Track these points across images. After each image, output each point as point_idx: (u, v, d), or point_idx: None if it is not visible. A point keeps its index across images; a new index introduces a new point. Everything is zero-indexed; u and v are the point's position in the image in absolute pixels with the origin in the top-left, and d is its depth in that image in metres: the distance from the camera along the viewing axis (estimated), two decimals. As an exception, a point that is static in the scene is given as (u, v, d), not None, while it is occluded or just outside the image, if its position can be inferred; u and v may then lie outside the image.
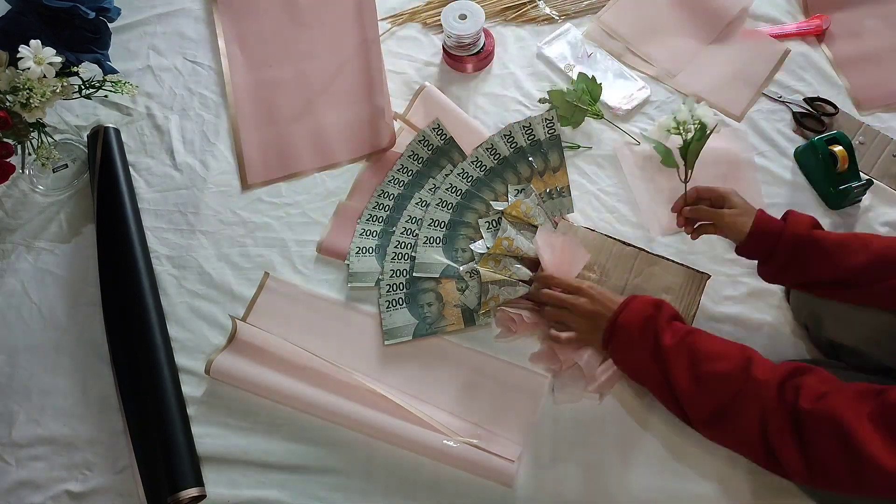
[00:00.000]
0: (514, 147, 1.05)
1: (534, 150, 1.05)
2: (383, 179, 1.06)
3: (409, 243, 1.00)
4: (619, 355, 0.83)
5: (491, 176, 1.03)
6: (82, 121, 1.14)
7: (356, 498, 0.88)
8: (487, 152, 1.04)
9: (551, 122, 1.06)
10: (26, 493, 0.89)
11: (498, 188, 1.03)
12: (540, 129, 1.05)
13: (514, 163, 1.04)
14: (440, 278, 0.97)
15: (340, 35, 1.20)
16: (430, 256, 0.98)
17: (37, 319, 1.00)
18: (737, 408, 0.70)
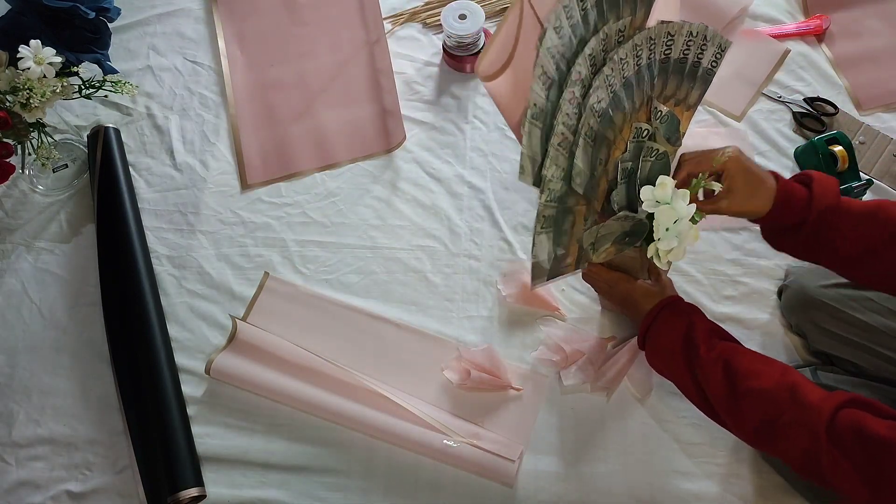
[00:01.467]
0: (680, 54, 0.77)
1: (690, 71, 0.78)
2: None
3: (573, 124, 0.68)
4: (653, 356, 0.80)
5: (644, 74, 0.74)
6: (82, 121, 1.14)
7: (356, 498, 0.88)
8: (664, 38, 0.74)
9: (722, 52, 0.79)
10: (26, 493, 0.89)
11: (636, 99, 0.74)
12: (710, 52, 0.78)
13: (665, 71, 0.77)
14: (581, 196, 0.71)
15: (341, 35, 1.20)
16: (583, 158, 0.70)
17: (37, 319, 1.00)
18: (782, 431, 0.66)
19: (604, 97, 0.69)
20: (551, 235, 0.70)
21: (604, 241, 0.74)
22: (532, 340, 0.96)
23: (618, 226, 0.72)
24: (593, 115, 0.69)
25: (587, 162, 0.70)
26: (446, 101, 1.14)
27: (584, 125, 0.68)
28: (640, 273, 0.83)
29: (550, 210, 0.68)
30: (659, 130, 0.74)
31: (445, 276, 1.01)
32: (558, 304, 0.98)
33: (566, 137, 0.68)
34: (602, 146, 0.71)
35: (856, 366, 0.83)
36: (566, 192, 0.69)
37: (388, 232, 1.05)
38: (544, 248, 0.69)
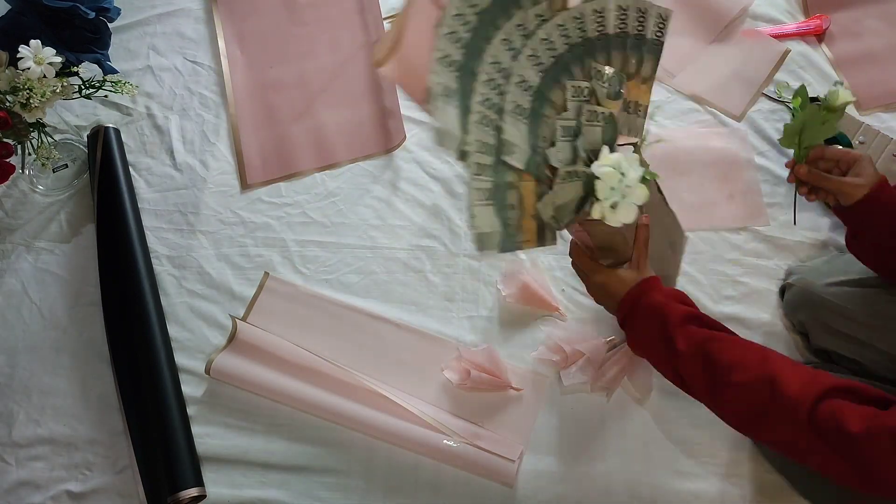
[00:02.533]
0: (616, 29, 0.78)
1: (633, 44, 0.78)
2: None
3: (495, 103, 0.70)
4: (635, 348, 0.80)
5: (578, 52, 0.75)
6: (82, 121, 1.14)
7: (356, 498, 0.88)
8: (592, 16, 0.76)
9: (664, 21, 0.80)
10: (26, 493, 0.89)
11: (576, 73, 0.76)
12: (651, 23, 0.79)
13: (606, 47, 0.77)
14: (523, 172, 0.72)
15: (341, 35, 1.20)
16: (516, 134, 0.71)
17: (37, 319, 1.00)
18: (765, 423, 0.66)
19: (532, 77, 0.72)
20: (492, 209, 0.71)
21: (563, 210, 0.73)
22: (532, 340, 0.96)
23: (570, 189, 0.72)
24: (521, 94, 0.71)
25: (523, 138, 0.71)
26: (446, 101, 1.14)
27: (511, 103, 0.71)
28: (624, 251, 0.80)
29: (484, 183, 0.70)
30: (600, 90, 0.74)
31: (445, 276, 1.01)
32: (558, 304, 0.98)
33: (487, 116, 0.69)
34: (541, 122, 0.73)
35: (858, 363, 0.83)
36: (501, 167, 0.71)
37: (388, 232, 1.05)
38: (487, 221, 0.71)
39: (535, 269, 1.00)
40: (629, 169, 0.70)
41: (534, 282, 0.97)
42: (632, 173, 0.70)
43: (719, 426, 0.89)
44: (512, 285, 0.98)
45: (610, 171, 0.69)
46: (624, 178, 0.69)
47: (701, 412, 0.90)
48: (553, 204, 0.73)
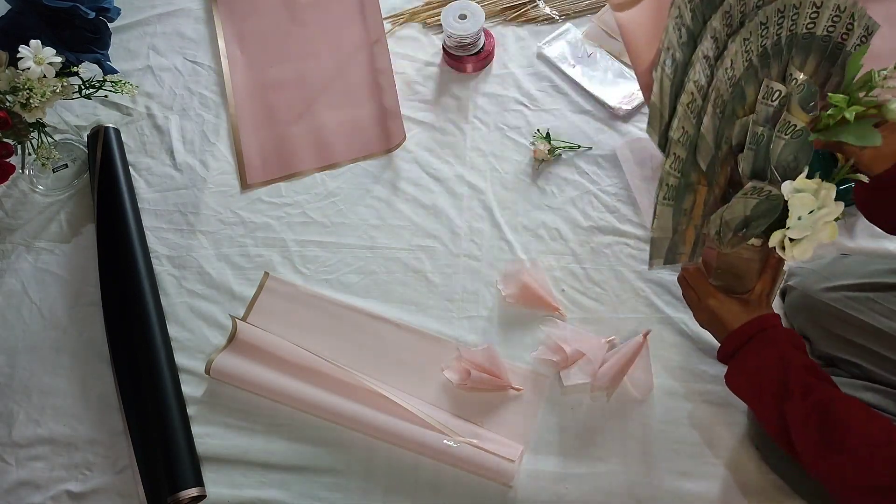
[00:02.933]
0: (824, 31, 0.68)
1: (832, 52, 0.69)
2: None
3: (703, 86, 0.61)
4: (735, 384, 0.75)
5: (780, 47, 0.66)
6: (82, 121, 1.14)
7: (356, 498, 0.88)
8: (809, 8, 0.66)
9: (868, 35, 0.71)
10: (26, 493, 0.89)
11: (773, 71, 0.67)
12: (856, 34, 0.70)
13: (807, 49, 0.68)
14: (703, 174, 0.64)
15: (341, 35, 1.20)
16: (710, 129, 0.62)
17: (37, 319, 1.00)
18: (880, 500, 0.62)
19: (739, 64, 0.63)
20: (671, 210, 0.62)
21: (727, 228, 0.64)
22: (532, 340, 0.96)
23: (741, 206, 0.63)
24: (725, 81, 0.62)
25: (713, 134, 0.62)
26: (446, 101, 1.14)
27: (714, 90, 0.61)
28: (748, 280, 0.74)
29: (674, 180, 0.61)
30: (793, 96, 0.64)
31: (445, 276, 1.01)
32: (558, 304, 0.98)
33: (695, 99, 0.61)
34: (730, 121, 0.64)
35: (860, 368, 0.83)
36: (691, 164, 0.62)
37: (388, 232, 1.05)
38: (665, 224, 0.62)
39: (535, 269, 1.00)
40: (829, 201, 0.60)
41: (534, 282, 0.97)
42: (830, 206, 0.61)
43: (719, 426, 0.89)
44: (512, 285, 0.98)
45: (807, 197, 0.60)
46: (819, 211, 0.60)
47: (701, 412, 0.90)
48: (722, 218, 0.64)
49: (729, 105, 0.63)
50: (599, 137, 1.10)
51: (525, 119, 1.12)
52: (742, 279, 0.73)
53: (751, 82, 0.64)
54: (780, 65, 0.66)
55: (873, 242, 0.97)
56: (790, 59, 0.66)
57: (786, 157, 0.64)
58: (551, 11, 1.21)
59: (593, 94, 1.12)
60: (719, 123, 0.63)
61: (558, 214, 1.04)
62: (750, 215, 0.64)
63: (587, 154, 1.09)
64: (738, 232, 0.65)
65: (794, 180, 0.60)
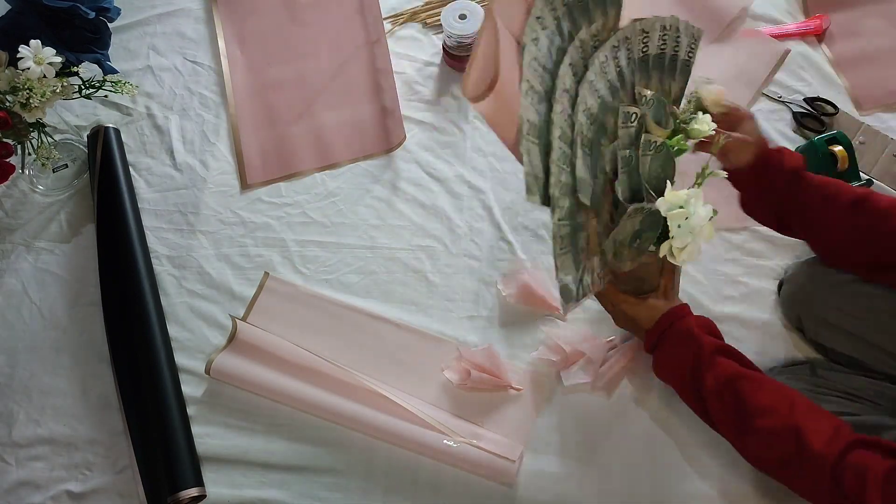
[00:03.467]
0: (658, 49, 0.76)
1: (669, 65, 0.77)
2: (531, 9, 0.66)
3: (568, 136, 0.67)
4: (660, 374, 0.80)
5: (625, 75, 0.74)
6: (82, 121, 1.14)
7: (356, 498, 0.88)
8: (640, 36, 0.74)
9: (696, 41, 0.78)
10: (26, 493, 0.89)
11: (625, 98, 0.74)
12: (685, 43, 0.77)
13: (646, 69, 0.76)
14: (589, 209, 0.69)
15: (341, 35, 1.20)
16: (583, 169, 0.68)
17: (37, 319, 1.00)
18: (788, 472, 0.68)
19: (592, 103, 0.69)
20: (571, 256, 0.68)
21: (622, 246, 0.72)
22: (532, 340, 0.96)
23: (629, 225, 0.70)
24: (586, 123, 0.68)
25: (588, 172, 0.69)
26: (446, 101, 1.14)
27: (578, 135, 0.68)
28: (652, 280, 0.80)
29: (565, 229, 0.67)
30: (647, 114, 0.72)
31: (445, 276, 1.01)
32: (558, 304, 0.97)
33: (564, 151, 0.67)
34: (599, 153, 0.71)
35: (853, 358, 0.83)
36: (575, 208, 0.68)
37: (388, 232, 1.05)
38: (570, 270, 0.68)
39: (535, 268, 1.00)
40: (697, 207, 0.67)
41: (534, 282, 0.97)
42: (700, 211, 0.67)
43: (719, 426, 0.89)
44: (512, 285, 0.98)
45: (678, 210, 0.67)
46: (693, 217, 0.67)
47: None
48: (614, 241, 0.71)
49: (595, 140, 0.69)
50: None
51: (525, 119, 1.11)
52: (646, 280, 0.80)
53: (608, 113, 0.71)
54: (628, 91, 0.73)
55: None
56: (634, 82, 0.74)
57: (655, 170, 0.71)
58: (551, 11, 1.21)
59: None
60: (590, 159, 0.69)
61: (558, 214, 1.04)
62: (639, 229, 0.70)
63: (587, 154, 1.09)
64: (632, 245, 0.71)
65: (665, 196, 0.67)
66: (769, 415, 0.67)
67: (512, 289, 0.98)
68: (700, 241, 0.69)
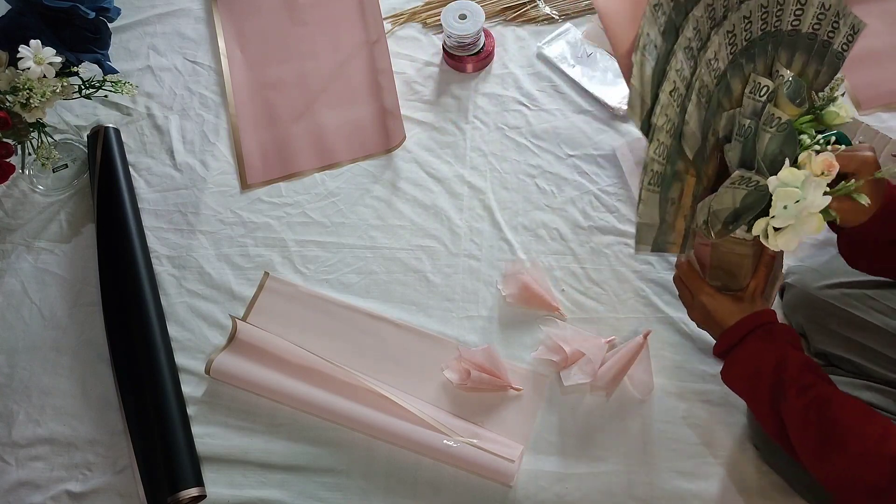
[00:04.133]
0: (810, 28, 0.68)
1: (819, 50, 0.69)
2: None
3: (686, 76, 0.62)
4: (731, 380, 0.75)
5: (765, 43, 0.67)
6: (82, 121, 1.14)
7: (356, 498, 0.88)
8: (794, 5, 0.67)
9: (854, 34, 0.69)
10: (26, 493, 0.89)
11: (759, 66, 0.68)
12: (842, 32, 0.69)
13: (793, 45, 0.68)
14: (690, 163, 0.65)
15: (341, 35, 1.20)
16: (695, 118, 0.63)
17: (37, 319, 1.00)
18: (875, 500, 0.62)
19: (723, 56, 0.63)
20: (657, 198, 0.62)
21: (716, 218, 0.64)
22: (532, 340, 0.96)
23: (730, 196, 0.63)
24: (709, 73, 0.63)
25: (699, 124, 0.63)
26: (446, 101, 1.14)
27: (699, 80, 0.62)
28: (741, 278, 0.73)
29: (659, 166, 0.61)
30: (781, 90, 0.64)
31: (445, 276, 1.01)
32: (558, 304, 0.98)
33: (677, 88, 0.61)
34: (717, 113, 0.65)
35: (858, 366, 0.83)
36: (676, 152, 0.63)
37: (388, 232, 1.05)
38: (653, 209, 0.62)
39: (534, 269, 1.00)
40: (814, 193, 0.60)
41: (534, 282, 0.98)
42: (815, 198, 0.60)
43: (719, 426, 0.89)
44: (512, 285, 0.98)
45: (791, 189, 0.60)
46: (803, 202, 0.60)
47: (700, 412, 0.90)
48: (710, 208, 0.64)
49: (714, 97, 0.64)
50: (599, 137, 1.10)
51: (525, 119, 1.12)
52: (736, 277, 0.73)
53: (736, 76, 0.65)
54: (765, 60, 0.67)
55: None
56: (776, 56, 0.67)
57: (772, 149, 0.64)
58: (551, 11, 1.21)
59: (593, 94, 1.12)
60: (705, 114, 0.63)
61: (558, 214, 1.04)
62: (739, 207, 0.63)
63: (587, 154, 1.09)
64: (728, 225, 0.65)
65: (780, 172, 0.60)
66: (862, 439, 0.62)
67: (512, 289, 0.98)
68: (803, 232, 0.61)
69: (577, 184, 1.06)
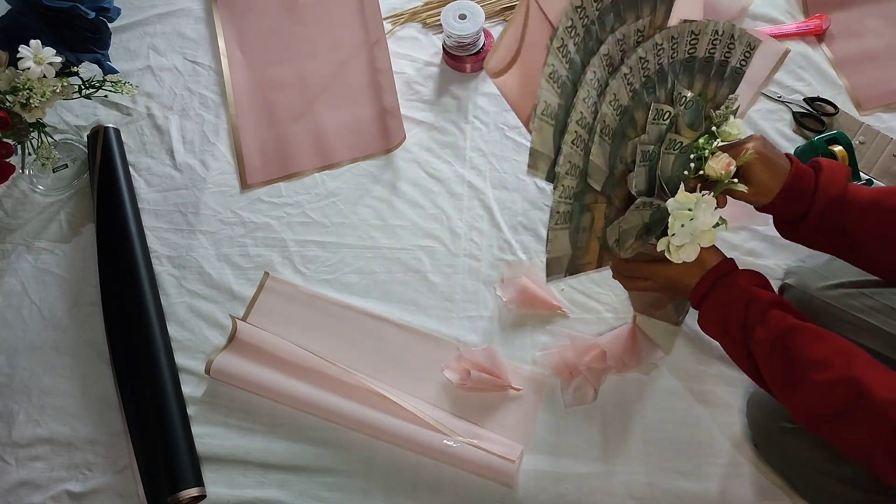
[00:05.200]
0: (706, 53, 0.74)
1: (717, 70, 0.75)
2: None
3: (588, 122, 0.68)
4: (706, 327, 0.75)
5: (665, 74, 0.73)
6: (82, 121, 1.14)
7: (356, 498, 0.88)
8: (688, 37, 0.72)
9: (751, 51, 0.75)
10: (26, 493, 0.89)
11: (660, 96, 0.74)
12: (738, 51, 0.75)
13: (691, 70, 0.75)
14: (599, 193, 0.72)
15: (341, 34, 1.20)
16: (599, 155, 0.69)
17: (37, 319, 1.00)
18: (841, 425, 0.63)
19: (623, 96, 0.69)
20: (567, 232, 0.70)
21: (626, 235, 0.72)
22: (532, 341, 0.96)
23: (637, 217, 0.71)
24: (612, 112, 0.69)
25: (604, 158, 0.70)
26: (446, 101, 1.14)
27: (600, 122, 0.68)
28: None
29: (566, 206, 0.68)
30: (682, 116, 0.72)
31: (445, 276, 1.01)
32: (559, 303, 0.97)
33: (580, 136, 0.67)
34: (623, 143, 0.71)
35: None
36: (583, 189, 0.69)
37: (388, 232, 1.05)
38: (561, 245, 0.70)
39: (534, 269, 1.00)
40: (703, 213, 0.67)
41: (532, 283, 0.97)
42: (704, 218, 0.68)
43: (719, 426, 0.89)
44: (511, 290, 0.98)
45: (684, 211, 0.68)
46: (696, 221, 0.67)
47: (701, 412, 0.90)
48: (619, 229, 0.72)
49: (619, 130, 0.70)
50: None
51: (525, 119, 1.12)
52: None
53: (639, 108, 0.71)
54: (666, 88, 0.73)
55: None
56: (676, 81, 0.73)
57: (676, 170, 0.72)
58: (551, 11, 1.21)
59: (593, 94, 1.12)
60: (609, 147, 0.70)
61: (558, 214, 1.04)
62: (649, 222, 0.71)
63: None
64: (640, 237, 0.73)
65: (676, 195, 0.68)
66: (825, 368, 0.63)
67: (511, 293, 0.98)
68: (700, 244, 0.69)
69: (577, 184, 1.06)
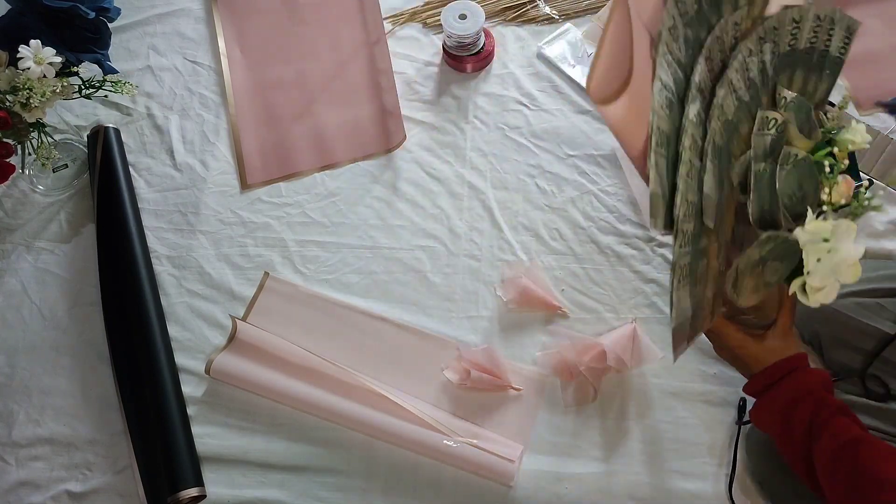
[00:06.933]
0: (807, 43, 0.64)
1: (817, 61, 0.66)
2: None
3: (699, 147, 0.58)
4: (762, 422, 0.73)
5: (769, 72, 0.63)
6: (82, 121, 1.14)
7: (356, 498, 0.88)
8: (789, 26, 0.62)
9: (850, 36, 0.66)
10: (26, 493, 0.90)
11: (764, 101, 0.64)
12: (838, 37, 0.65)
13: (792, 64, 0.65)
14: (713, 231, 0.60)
15: (341, 34, 1.20)
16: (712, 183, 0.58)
17: (37, 319, 1.00)
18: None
19: (729, 105, 0.59)
20: (688, 289, 0.57)
21: (742, 276, 0.59)
22: (532, 341, 0.96)
23: (757, 253, 0.58)
24: (719, 130, 0.58)
25: (715, 185, 0.58)
26: (446, 101, 1.14)
27: (710, 143, 0.57)
28: (769, 311, 0.71)
29: (686, 258, 0.56)
30: (790, 121, 0.60)
31: (445, 276, 1.01)
32: (560, 303, 0.97)
33: (693, 165, 0.57)
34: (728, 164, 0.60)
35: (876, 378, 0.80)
36: (699, 232, 0.58)
37: (388, 232, 1.05)
38: (684, 308, 0.58)
39: (534, 269, 1.00)
40: (844, 242, 0.55)
41: (533, 284, 0.97)
42: (846, 248, 0.55)
43: (719, 426, 0.89)
44: (512, 290, 0.98)
45: (819, 242, 0.55)
46: (837, 253, 0.55)
47: (701, 412, 0.90)
48: (737, 270, 0.59)
49: (724, 147, 0.59)
50: (599, 137, 1.10)
51: (525, 119, 1.12)
52: (761, 311, 0.71)
53: (744, 118, 0.61)
54: (768, 91, 0.63)
55: (873, 242, 0.97)
56: (776, 81, 0.63)
57: (791, 187, 0.59)
58: (551, 11, 1.21)
59: (593, 94, 1.12)
60: (718, 171, 0.59)
61: (558, 214, 1.04)
62: (765, 256, 0.59)
63: (587, 154, 1.09)
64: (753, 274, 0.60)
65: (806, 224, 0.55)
66: (892, 487, 0.60)
67: (512, 294, 0.98)
68: (839, 281, 0.57)
69: (577, 184, 1.06)
